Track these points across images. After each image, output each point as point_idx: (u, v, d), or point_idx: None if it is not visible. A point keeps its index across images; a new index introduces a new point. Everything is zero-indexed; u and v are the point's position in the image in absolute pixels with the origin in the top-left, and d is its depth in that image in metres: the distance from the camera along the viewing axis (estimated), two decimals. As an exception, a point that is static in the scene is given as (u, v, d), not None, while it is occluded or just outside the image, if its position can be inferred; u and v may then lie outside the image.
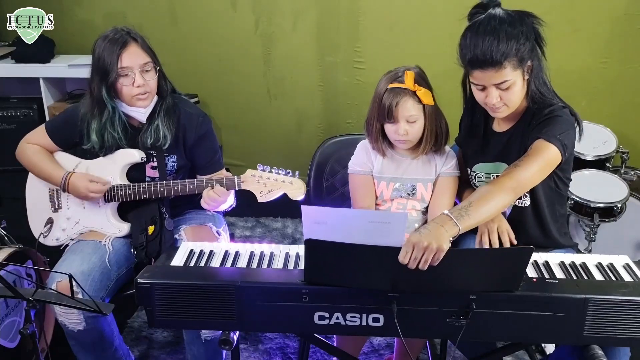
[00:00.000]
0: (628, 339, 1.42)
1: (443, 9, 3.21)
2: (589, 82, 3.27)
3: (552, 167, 1.67)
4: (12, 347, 2.11)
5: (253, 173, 1.89)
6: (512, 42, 1.60)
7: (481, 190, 1.63)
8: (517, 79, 1.66)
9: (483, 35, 1.61)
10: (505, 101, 1.70)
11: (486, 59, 1.61)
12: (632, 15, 3.13)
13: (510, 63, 1.62)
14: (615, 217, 2.60)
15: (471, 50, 1.63)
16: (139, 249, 2.00)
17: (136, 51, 1.92)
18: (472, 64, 1.65)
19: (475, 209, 1.54)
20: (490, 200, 1.57)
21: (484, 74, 1.64)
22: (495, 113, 1.75)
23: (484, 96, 1.71)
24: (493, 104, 1.70)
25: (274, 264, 1.62)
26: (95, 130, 1.97)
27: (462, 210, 1.52)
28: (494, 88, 1.67)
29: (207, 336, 1.94)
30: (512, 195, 1.61)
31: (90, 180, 1.99)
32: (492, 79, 1.64)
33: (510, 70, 1.63)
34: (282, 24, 3.48)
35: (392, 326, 1.40)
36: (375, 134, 1.87)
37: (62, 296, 1.57)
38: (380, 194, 1.93)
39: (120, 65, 1.88)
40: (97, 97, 1.93)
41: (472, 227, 1.58)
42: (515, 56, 1.62)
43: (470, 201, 1.56)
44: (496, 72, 1.62)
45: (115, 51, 1.88)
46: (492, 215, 1.62)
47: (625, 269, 1.60)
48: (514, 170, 1.63)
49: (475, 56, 1.62)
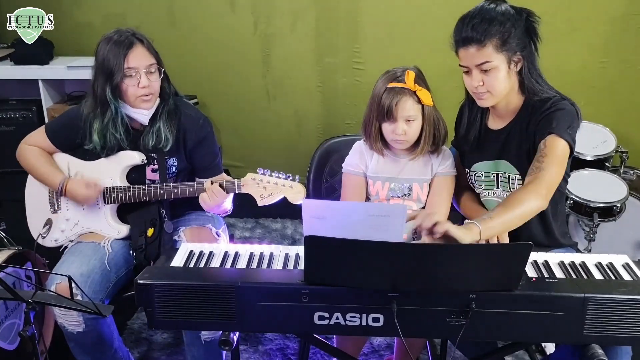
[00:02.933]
0: (628, 337, 1.42)
1: (442, 10, 3.21)
2: (588, 81, 3.27)
3: (567, 162, 1.70)
4: (11, 349, 2.10)
5: (253, 177, 1.89)
6: (495, 23, 1.65)
7: (512, 197, 1.64)
8: (501, 64, 1.69)
9: (471, 17, 1.68)
10: (487, 87, 1.72)
11: (468, 35, 1.66)
12: (631, 15, 3.13)
13: (492, 43, 1.66)
14: (614, 217, 2.60)
15: (458, 31, 1.70)
16: (138, 251, 2.00)
17: (142, 52, 1.92)
18: (457, 43, 1.71)
19: (501, 214, 1.57)
20: (521, 206, 1.59)
21: (467, 52, 1.69)
22: (480, 101, 1.78)
23: (469, 81, 1.74)
24: (475, 88, 1.73)
25: (274, 265, 1.62)
26: (97, 130, 1.97)
27: (487, 214, 1.58)
28: (477, 71, 1.70)
29: (207, 337, 1.94)
30: (543, 202, 1.62)
31: (86, 184, 1.99)
32: (474, 57, 1.68)
33: (492, 50, 1.66)
34: (281, 25, 3.48)
35: (392, 326, 1.40)
36: (374, 134, 1.87)
37: (61, 298, 1.56)
38: (376, 194, 1.93)
39: (126, 66, 1.88)
40: (101, 98, 1.93)
41: (498, 231, 1.60)
42: (498, 38, 1.66)
43: (500, 208, 1.61)
44: (477, 50, 1.67)
45: (121, 52, 1.88)
46: (520, 222, 1.62)
47: (624, 268, 1.60)
48: (540, 174, 1.63)
49: (460, 34, 1.69)
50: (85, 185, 1.99)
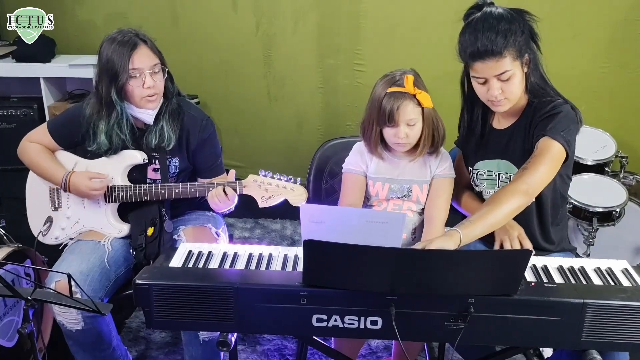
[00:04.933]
0: (626, 344, 1.42)
1: (443, 12, 3.21)
2: (589, 86, 3.27)
3: (559, 164, 1.70)
4: (10, 346, 2.10)
5: (255, 178, 1.89)
6: (509, 34, 1.65)
7: (492, 198, 1.67)
8: (517, 70, 1.70)
9: (482, 30, 1.66)
10: (506, 94, 1.72)
11: (487, 49, 1.65)
12: (632, 20, 3.14)
13: (510, 53, 1.66)
14: (613, 222, 2.60)
15: (472, 44, 1.67)
16: (138, 250, 2.00)
17: (146, 53, 1.92)
18: (473, 56, 1.69)
19: (481, 216, 1.60)
20: (500, 206, 1.61)
21: (485, 65, 1.67)
22: (497, 107, 1.77)
23: (485, 90, 1.73)
24: (495, 97, 1.72)
25: (273, 266, 1.62)
26: (103, 131, 1.96)
27: (467, 219, 1.59)
28: (495, 80, 1.70)
29: (205, 337, 1.94)
30: (525, 198, 1.64)
31: (90, 177, 1.99)
32: (492, 69, 1.68)
33: (510, 60, 1.67)
34: (282, 26, 3.49)
35: (390, 329, 1.40)
36: (374, 138, 1.87)
37: (60, 296, 1.56)
38: (375, 194, 1.93)
39: (131, 67, 1.88)
40: (106, 99, 1.93)
41: (480, 234, 1.61)
42: (514, 47, 1.66)
43: (480, 211, 1.62)
44: (497, 62, 1.66)
45: (125, 53, 1.88)
46: (502, 220, 1.65)
47: (623, 273, 1.60)
48: (523, 173, 1.66)
49: (476, 48, 1.67)
50: (89, 177, 1.98)
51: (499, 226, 1.69)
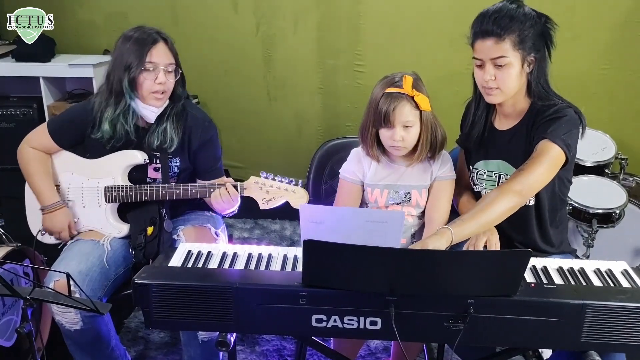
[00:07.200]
0: (625, 345, 1.42)
1: (444, 14, 3.21)
2: (589, 88, 3.27)
3: (558, 167, 1.70)
4: (8, 346, 2.10)
5: (256, 180, 1.90)
6: (515, 21, 1.67)
7: (485, 197, 1.67)
8: (515, 61, 1.70)
9: (492, 12, 1.70)
10: (499, 82, 1.72)
11: (488, 28, 1.67)
12: (632, 22, 3.14)
13: (511, 39, 1.67)
14: (613, 223, 2.60)
15: (479, 23, 1.70)
16: (137, 250, 2.00)
17: (164, 50, 1.95)
18: (475, 35, 1.71)
19: (474, 215, 1.61)
20: (493, 205, 1.62)
21: (484, 45, 1.69)
22: (489, 96, 1.77)
23: (481, 74, 1.74)
24: (486, 82, 1.73)
25: (272, 266, 1.62)
26: (108, 119, 1.97)
27: (459, 217, 1.59)
28: (491, 65, 1.71)
29: (204, 337, 1.94)
30: (519, 199, 1.64)
31: (70, 223, 2.04)
32: (490, 50, 1.69)
33: (510, 46, 1.68)
34: (283, 27, 3.49)
35: (390, 330, 1.40)
36: (370, 140, 1.86)
37: (59, 295, 1.56)
38: (374, 201, 1.92)
39: (148, 59, 1.90)
40: (116, 88, 1.94)
41: (471, 232, 1.63)
42: (517, 35, 1.67)
43: (473, 209, 1.63)
44: (495, 43, 1.67)
45: (146, 45, 1.91)
46: (495, 220, 1.66)
47: (623, 275, 1.60)
48: (519, 173, 1.66)
49: (480, 26, 1.69)
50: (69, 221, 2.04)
51: (491, 225, 1.70)
